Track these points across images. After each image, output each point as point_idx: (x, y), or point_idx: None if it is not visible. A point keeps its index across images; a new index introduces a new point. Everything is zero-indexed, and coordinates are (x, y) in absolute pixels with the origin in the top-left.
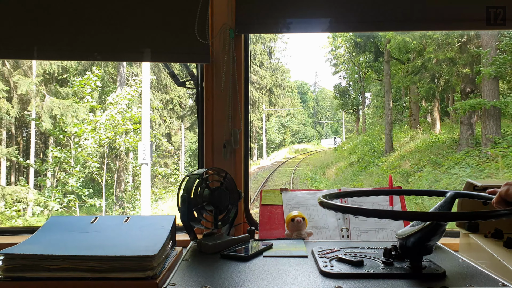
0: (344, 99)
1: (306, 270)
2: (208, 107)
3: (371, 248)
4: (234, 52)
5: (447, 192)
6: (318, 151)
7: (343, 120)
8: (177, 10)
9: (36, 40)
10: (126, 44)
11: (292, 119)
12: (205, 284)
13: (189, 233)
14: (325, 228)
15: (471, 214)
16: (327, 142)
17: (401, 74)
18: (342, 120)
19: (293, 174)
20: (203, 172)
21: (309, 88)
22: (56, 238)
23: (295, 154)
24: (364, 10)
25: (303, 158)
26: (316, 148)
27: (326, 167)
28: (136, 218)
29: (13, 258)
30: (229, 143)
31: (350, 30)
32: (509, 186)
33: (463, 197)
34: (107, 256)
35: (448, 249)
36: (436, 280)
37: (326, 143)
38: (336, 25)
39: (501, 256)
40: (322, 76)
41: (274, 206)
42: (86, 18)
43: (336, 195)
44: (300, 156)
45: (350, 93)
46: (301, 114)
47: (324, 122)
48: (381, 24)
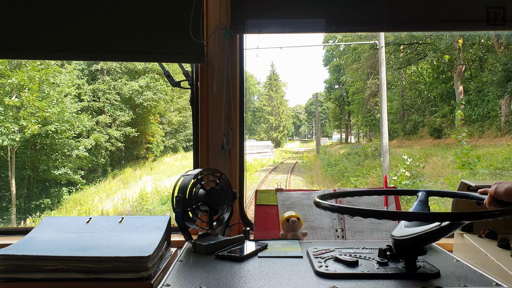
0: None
1: (301, 271)
2: (203, 107)
3: (366, 248)
4: (229, 52)
5: (419, 191)
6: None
7: None
8: (172, 10)
9: (31, 39)
10: (120, 44)
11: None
12: (200, 285)
13: (184, 233)
14: (320, 229)
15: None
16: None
17: None
18: None
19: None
20: (198, 172)
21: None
22: (50, 238)
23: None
24: (361, 11)
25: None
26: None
27: None
28: (131, 219)
29: (7, 259)
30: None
31: (347, 30)
32: (497, 185)
33: (434, 196)
34: (102, 257)
35: (443, 249)
36: (430, 280)
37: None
38: (332, 26)
39: (495, 256)
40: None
41: (269, 206)
42: (79, 18)
43: (331, 195)
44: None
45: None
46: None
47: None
48: (381, 25)
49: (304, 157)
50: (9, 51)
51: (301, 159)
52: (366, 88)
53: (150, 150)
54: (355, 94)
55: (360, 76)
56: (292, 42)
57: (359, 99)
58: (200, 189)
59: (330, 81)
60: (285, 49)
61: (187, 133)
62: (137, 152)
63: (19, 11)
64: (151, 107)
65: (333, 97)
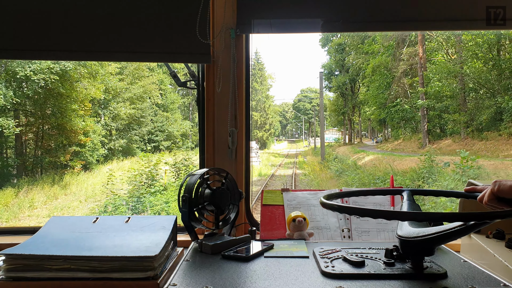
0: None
1: (307, 271)
2: (209, 107)
3: (373, 248)
4: (235, 52)
5: (403, 190)
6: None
7: None
8: (178, 11)
9: (32, 40)
10: (127, 44)
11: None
12: (206, 285)
13: (190, 233)
14: (326, 229)
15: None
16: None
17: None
18: None
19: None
20: (204, 172)
21: None
22: (57, 238)
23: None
24: (365, 10)
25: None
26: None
27: None
28: (137, 218)
29: (14, 258)
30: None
31: (355, 30)
32: (498, 182)
33: (417, 194)
34: (108, 257)
35: (450, 250)
36: (437, 281)
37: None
38: (342, 25)
39: (502, 256)
40: None
41: (275, 206)
42: (86, 18)
43: (337, 195)
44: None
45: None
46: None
47: None
48: (380, 24)
49: (304, 165)
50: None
51: (299, 167)
52: (396, 65)
53: (81, 155)
54: (374, 72)
55: (385, 44)
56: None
57: (379, 83)
58: (206, 189)
59: (329, 65)
60: (272, 37)
61: (144, 131)
62: (54, 159)
63: (19, 11)
64: (65, 88)
65: (335, 85)
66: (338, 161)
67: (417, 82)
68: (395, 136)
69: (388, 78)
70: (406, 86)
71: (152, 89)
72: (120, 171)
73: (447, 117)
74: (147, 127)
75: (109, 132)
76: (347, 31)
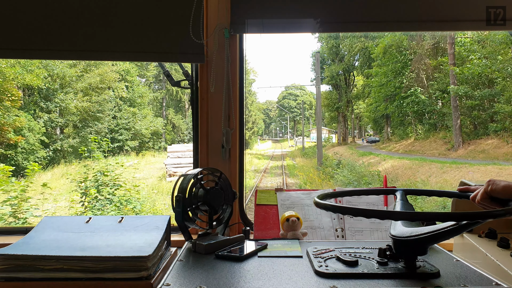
0: None
1: (301, 270)
2: (203, 107)
3: (366, 248)
4: (229, 52)
5: (396, 190)
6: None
7: None
8: (172, 10)
9: (31, 39)
10: (120, 43)
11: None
12: (200, 285)
13: (184, 233)
14: (320, 228)
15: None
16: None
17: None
18: None
19: None
20: (198, 172)
21: None
22: (50, 238)
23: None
24: (363, 10)
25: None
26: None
27: None
28: (131, 218)
29: (6, 258)
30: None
31: (350, 30)
32: (491, 182)
33: (410, 194)
34: (101, 257)
35: (442, 249)
36: (430, 280)
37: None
38: (337, 25)
39: (494, 255)
40: None
41: (269, 206)
42: (81, 17)
43: (331, 195)
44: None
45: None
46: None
47: None
48: (377, 24)
49: (296, 171)
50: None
51: (289, 174)
52: (414, 44)
53: (11, 159)
54: (385, 53)
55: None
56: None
57: (389, 67)
58: (200, 188)
59: (321, 54)
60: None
61: (100, 127)
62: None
63: (19, 11)
64: None
65: (328, 75)
66: (345, 168)
67: (445, 64)
68: (400, 134)
69: (399, 62)
70: (429, 70)
71: (112, 78)
72: (65, 178)
73: (498, 107)
74: (108, 123)
75: (53, 130)
76: (342, 31)
